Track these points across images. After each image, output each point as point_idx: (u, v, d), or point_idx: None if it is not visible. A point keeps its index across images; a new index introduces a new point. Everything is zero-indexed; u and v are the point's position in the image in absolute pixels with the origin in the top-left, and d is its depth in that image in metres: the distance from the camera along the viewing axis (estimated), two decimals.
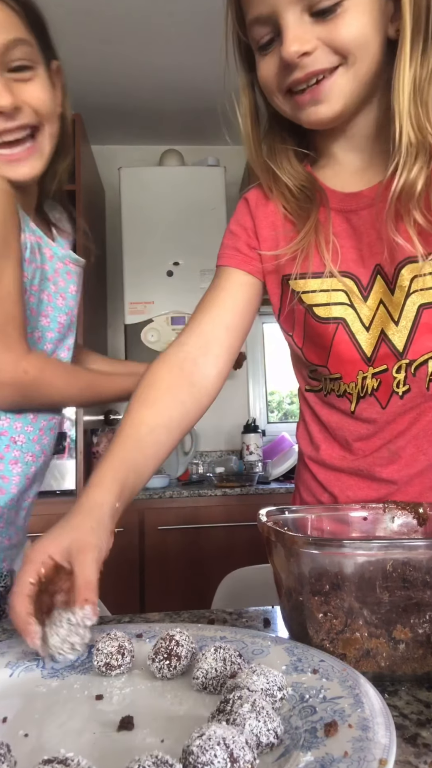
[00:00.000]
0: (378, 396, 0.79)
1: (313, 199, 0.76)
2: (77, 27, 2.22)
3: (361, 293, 0.76)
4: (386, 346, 0.76)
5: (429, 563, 0.52)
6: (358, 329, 0.77)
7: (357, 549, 0.53)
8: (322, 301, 0.77)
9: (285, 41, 0.64)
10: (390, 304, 0.75)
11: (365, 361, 0.78)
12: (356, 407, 0.81)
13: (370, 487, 0.83)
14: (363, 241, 0.76)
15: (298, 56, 0.64)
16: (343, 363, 0.79)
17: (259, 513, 0.65)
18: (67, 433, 2.23)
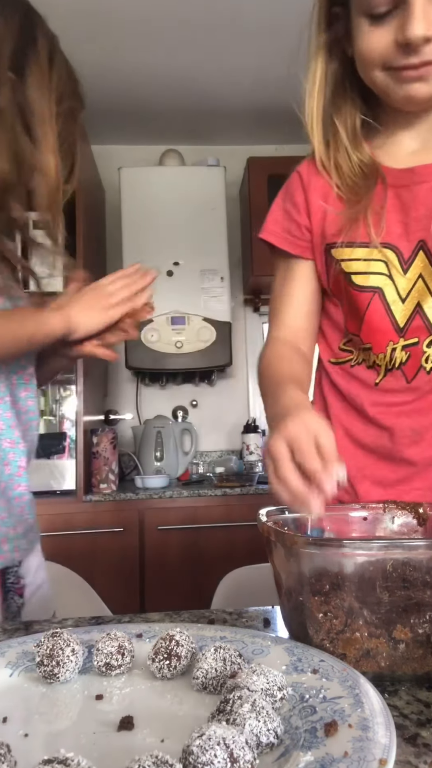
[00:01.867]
0: (405, 370, 0.80)
1: (369, 177, 0.77)
2: (77, 27, 2.22)
3: (401, 265, 0.78)
4: (420, 318, 0.78)
5: (429, 563, 0.52)
6: (393, 299, 0.78)
7: (357, 549, 0.53)
8: (361, 269, 0.79)
9: (413, 20, 0.63)
10: (429, 278, 0.77)
11: (397, 331, 0.79)
12: (382, 380, 0.82)
13: (389, 467, 0.83)
14: (410, 216, 0.77)
15: (422, 41, 0.64)
16: (374, 332, 0.80)
17: (259, 513, 0.65)
18: (67, 433, 2.23)
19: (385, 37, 0.67)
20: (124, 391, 2.92)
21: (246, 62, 2.48)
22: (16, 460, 0.96)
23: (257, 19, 2.23)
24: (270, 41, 2.34)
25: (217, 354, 2.60)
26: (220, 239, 2.65)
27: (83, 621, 0.73)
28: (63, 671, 0.51)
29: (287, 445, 0.58)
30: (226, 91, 2.69)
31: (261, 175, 2.71)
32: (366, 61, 0.71)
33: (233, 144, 3.08)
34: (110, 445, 2.30)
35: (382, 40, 0.67)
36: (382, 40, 0.67)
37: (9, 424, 0.94)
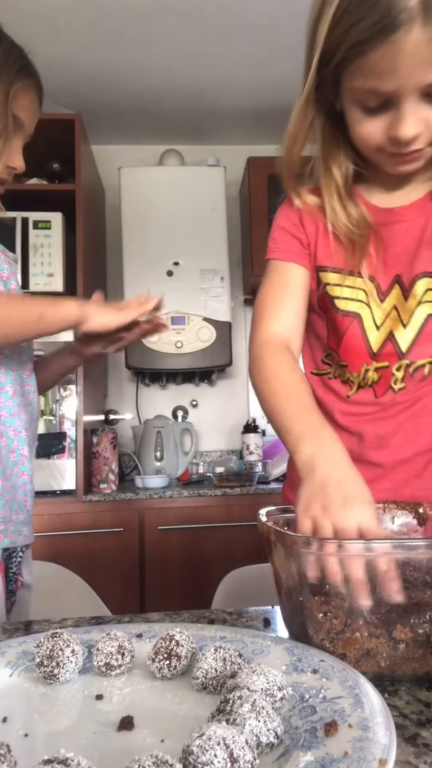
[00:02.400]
0: (375, 388, 0.88)
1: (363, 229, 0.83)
2: (77, 27, 2.22)
3: (378, 296, 0.86)
4: (392, 345, 0.86)
5: (429, 563, 0.52)
6: (369, 326, 0.86)
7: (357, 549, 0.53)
8: (344, 295, 0.87)
9: (404, 123, 0.69)
10: (402, 309, 0.85)
11: (371, 355, 0.87)
12: (354, 394, 0.90)
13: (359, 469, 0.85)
14: (389, 252, 0.85)
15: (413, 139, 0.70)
16: (351, 353, 0.88)
17: (259, 513, 0.65)
18: (67, 433, 2.23)
19: (378, 129, 0.72)
20: (124, 391, 2.92)
21: (246, 62, 2.48)
22: (19, 448, 1.00)
23: (258, 19, 2.23)
24: (270, 41, 2.34)
25: (217, 354, 2.60)
26: (220, 239, 2.65)
27: (83, 621, 0.73)
28: (63, 672, 0.51)
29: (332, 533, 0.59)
30: (226, 91, 2.69)
31: (261, 175, 2.71)
32: (361, 145, 0.77)
33: (233, 144, 3.08)
34: (110, 445, 2.30)
35: (376, 130, 0.73)
36: (376, 131, 0.73)
37: (11, 412, 0.98)
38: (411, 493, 0.87)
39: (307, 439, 0.69)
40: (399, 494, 0.86)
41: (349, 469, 0.66)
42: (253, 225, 2.71)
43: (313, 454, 0.67)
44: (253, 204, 2.72)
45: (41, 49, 1.08)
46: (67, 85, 2.57)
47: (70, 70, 2.49)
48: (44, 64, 1.04)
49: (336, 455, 0.67)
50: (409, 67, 0.64)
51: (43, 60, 1.05)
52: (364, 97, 0.71)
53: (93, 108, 2.73)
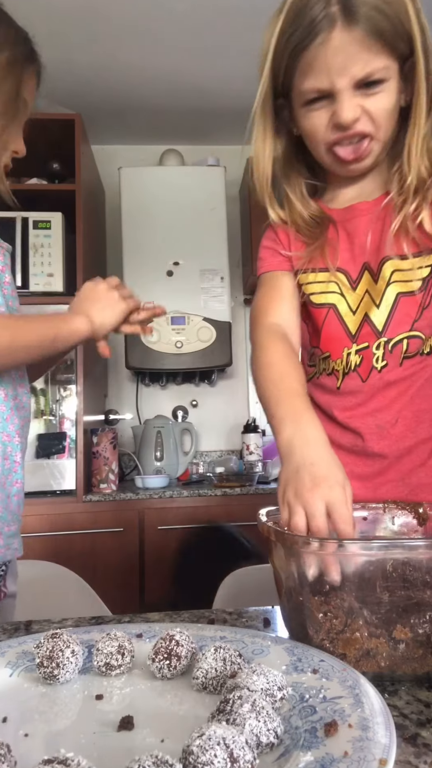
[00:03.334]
0: (360, 371, 0.92)
1: (321, 224, 0.93)
2: (77, 27, 2.22)
3: (350, 284, 0.92)
4: (368, 326, 0.91)
5: (429, 563, 0.52)
6: (345, 312, 0.93)
7: (357, 549, 0.53)
8: (318, 290, 0.94)
9: (343, 110, 0.79)
10: (373, 292, 0.91)
11: (350, 337, 0.92)
12: (341, 383, 0.93)
13: (365, 463, 0.92)
14: (355, 243, 0.92)
15: (352, 122, 0.79)
16: (332, 341, 0.94)
17: (259, 513, 0.65)
18: (67, 433, 2.23)
19: (321, 119, 0.82)
20: (124, 391, 2.92)
21: (246, 62, 2.48)
22: (12, 454, 0.96)
23: (258, 19, 2.22)
24: None
25: (217, 354, 2.60)
26: (220, 239, 2.65)
27: (83, 621, 0.73)
28: (63, 672, 0.51)
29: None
30: (226, 91, 2.69)
31: None
32: (312, 139, 0.85)
33: (233, 144, 3.08)
34: (110, 445, 2.30)
35: (319, 122, 0.82)
36: (320, 122, 0.82)
37: (4, 416, 0.94)
38: (418, 480, 0.90)
39: (288, 423, 0.73)
40: (407, 484, 0.90)
41: (323, 450, 0.69)
42: (253, 225, 2.71)
43: (291, 438, 0.71)
44: (253, 204, 2.71)
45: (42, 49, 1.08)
46: (67, 85, 2.57)
47: (70, 70, 2.48)
48: (44, 64, 1.04)
49: (312, 438, 0.70)
50: (338, 63, 0.76)
51: (43, 60, 1.05)
52: (307, 95, 0.81)
53: (93, 108, 2.73)
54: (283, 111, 0.89)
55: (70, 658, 0.52)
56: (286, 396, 0.79)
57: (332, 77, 0.77)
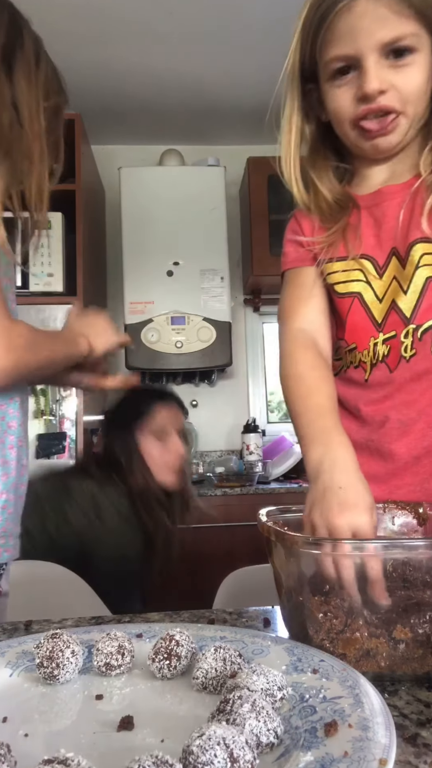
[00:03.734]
0: (388, 362, 0.88)
1: (345, 207, 0.90)
2: (77, 27, 2.22)
3: (377, 271, 0.88)
4: (396, 314, 0.87)
5: (429, 563, 0.52)
6: (371, 300, 0.89)
7: (357, 549, 0.53)
8: (342, 279, 0.90)
9: (367, 79, 0.75)
10: (401, 277, 0.87)
11: (376, 327, 0.88)
12: (370, 375, 0.89)
13: (378, 463, 0.88)
14: (382, 228, 0.88)
15: (377, 93, 0.76)
16: (357, 331, 0.90)
17: (259, 513, 0.65)
18: (67, 433, 2.23)
19: (347, 94, 0.79)
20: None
21: (246, 62, 2.48)
22: (24, 457, 0.99)
23: (257, 19, 2.23)
24: (270, 41, 2.34)
25: (217, 354, 2.60)
26: (220, 239, 2.65)
27: (83, 621, 0.73)
28: (63, 673, 0.51)
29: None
30: (226, 91, 2.69)
31: (261, 175, 2.71)
32: (338, 118, 0.83)
33: (233, 144, 3.08)
34: None
35: (345, 98, 0.80)
36: (345, 98, 0.80)
37: (20, 422, 0.98)
38: None
39: (316, 445, 0.72)
40: (423, 489, 0.87)
41: (352, 474, 0.67)
42: (253, 225, 2.71)
43: (320, 460, 0.69)
44: (253, 204, 2.72)
45: None
46: (67, 85, 2.57)
47: (70, 70, 2.48)
48: None
49: (341, 461, 0.69)
50: (364, 26, 0.74)
51: None
52: (333, 66, 0.79)
53: (93, 108, 2.73)
54: (311, 96, 0.87)
55: (70, 658, 0.52)
56: (314, 414, 0.77)
57: (357, 42, 0.74)
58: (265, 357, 3.10)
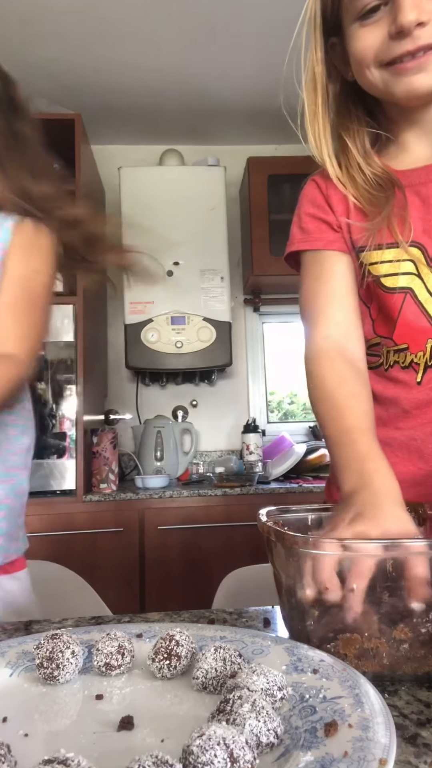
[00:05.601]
0: None
1: (386, 188, 0.78)
2: (77, 27, 2.22)
3: (427, 262, 0.77)
4: None
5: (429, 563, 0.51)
6: (426, 298, 0.79)
7: (357, 549, 0.53)
8: (390, 271, 0.79)
9: (403, 7, 0.64)
10: None
11: None
12: (423, 377, 0.81)
13: (416, 464, 0.82)
14: (431, 212, 0.77)
15: (414, 25, 0.65)
16: (412, 332, 0.80)
17: (259, 513, 0.65)
18: (67, 433, 2.23)
19: (377, 34, 0.69)
20: (124, 391, 2.92)
21: (246, 62, 2.48)
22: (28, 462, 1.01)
23: (257, 19, 2.23)
24: (270, 41, 2.34)
25: (217, 354, 2.60)
26: (220, 239, 2.65)
27: (83, 621, 0.73)
28: (63, 673, 0.51)
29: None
30: (226, 91, 2.69)
31: (261, 175, 2.71)
32: (361, 61, 0.72)
33: (233, 144, 3.08)
34: (110, 445, 2.30)
35: (375, 36, 0.69)
36: (375, 37, 0.69)
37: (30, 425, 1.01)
38: None
39: (349, 474, 0.65)
40: None
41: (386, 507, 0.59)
42: (253, 225, 2.71)
43: (353, 490, 0.63)
44: (253, 204, 2.72)
45: (42, 49, 1.08)
46: (67, 85, 2.57)
47: (70, 70, 2.49)
48: (44, 64, 1.04)
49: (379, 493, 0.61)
50: None
51: (44, 60, 1.05)
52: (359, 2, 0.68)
53: (93, 108, 2.73)
54: (334, 51, 0.76)
55: (70, 659, 0.52)
56: (345, 438, 0.69)
57: None
58: (265, 357, 3.10)
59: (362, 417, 0.72)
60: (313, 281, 0.83)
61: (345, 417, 0.71)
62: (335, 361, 0.78)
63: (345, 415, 0.72)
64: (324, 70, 0.78)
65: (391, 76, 0.71)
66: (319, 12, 0.75)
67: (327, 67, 0.78)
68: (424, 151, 0.79)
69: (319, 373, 0.79)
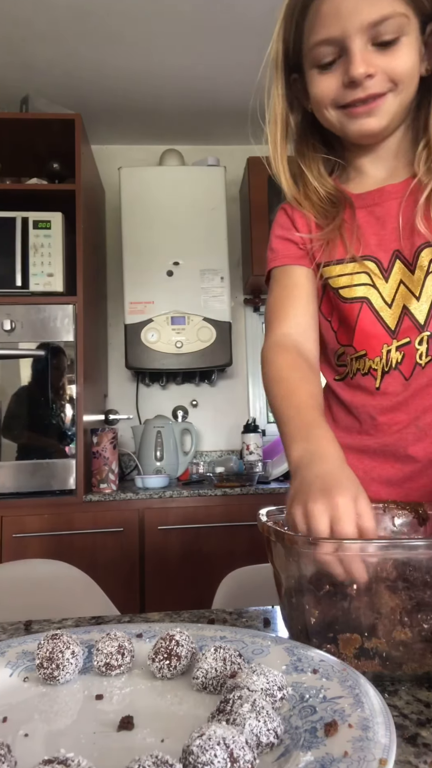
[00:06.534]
0: (402, 369, 0.86)
1: (338, 204, 0.87)
2: (77, 27, 2.22)
3: (382, 274, 0.86)
4: (409, 319, 0.84)
5: (429, 563, 0.52)
6: (381, 306, 0.86)
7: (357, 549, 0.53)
8: (346, 283, 0.87)
9: (354, 63, 0.73)
10: (410, 283, 0.84)
11: (390, 334, 0.86)
12: (381, 383, 0.87)
13: (394, 466, 0.87)
14: (386, 228, 0.86)
15: (364, 77, 0.74)
16: (369, 338, 0.87)
17: (259, 513, 0.65)
18: (67, 433, 2.23)
19: (333, 81, 0.78)
20: (124, 391, 2.92)
21: (246, 62, 2.48)
22: None
23: (257, 19, 2.23)
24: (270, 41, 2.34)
25: (217, 354, 2.60)
26: (220, 239, 2.65)
27: (83, 621, 0.73)
28: (63, 674, 0.51)
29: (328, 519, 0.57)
30: (226, 91, 2.69)
31: (261, 175, 2.71)
32: (320, 103, 0.81)
33: (233, 144, 3.08)
34: (110, 445, 2.30)
35: (331, 83, 0.78)
36: (331, 84, 0.78)
37: None
38: None
39: (296, 441, 0.70)
40: None
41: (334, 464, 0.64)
42: (253, 225, 2.71)
43: (301, 455, 0.67)
44: (253, 204, 2.72)
45: (42, 49, 1.08)
46: (67, 85, 2.57)
47: (70, 70, 2.49)
48: (44, 64, 1.04)
49: (322, 454, 0.66)
50: (349, 7, 0.72)
51: (44, 60, 1.05)
52: (318, 53, 0.77)
53: (93, 108, 2.73)
54: (296, 86, 0.85)
55: (70, 659, 0.52)
56: (293, 412, 0.74)
57: (342, 22, 0.72)
58: None
59: (311, 397, 0.78)
60: (279, 290, 0.92)
61: (295, 395, 0.77)
62: (291, 352, 0.86)
63: (294, 394, 0.78)
64: (285, 105, 0.87)
65: (345, 117, 0.80)
66: (282, 53, 0.84)
67: (289, 101, 0.87)
68: (380, 173, 0.88)
69: (275, 359, 0.85)
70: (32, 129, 2.37)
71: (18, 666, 0.55)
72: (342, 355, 0.92)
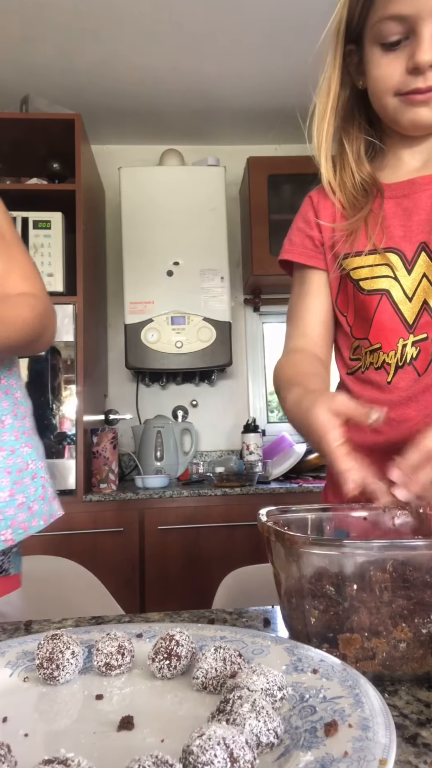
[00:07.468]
0: (416, 365, 0.84)
1: (369, 193, 0.86)
2: (77, 27, 2.22)
3: (405, 266, 0.83)
4: (428, 315, 0.82)
5: (429, 563, 0.52)
6: (400, 299, 0.84)
7: (357, 549, 0.53)
8: (367, 275, 0.86)
9: (422, 48, 0.70)
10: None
11: (407, 328, 0.84)
12: (393, 377, 0.86)
13: None
14: (412, 220, 0.84)
15: (428, 66, 0.71)
16: (385, 331, 0.85)
17: (259, 513, 0.65)
18: (67, 433, 2.23)
19: (396, 64, 0.74)
20: (124, 391, 2.92)
21: (246, 62, 2.48)
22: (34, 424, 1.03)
23: (257, 19, 2.23)
24: (270, 41, 2.34)
25: (217, 354, 2.60)
26: (220, 239, 2.65)
27: (83, 621, 0.73)
28: (63, 674, 0.51)
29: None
30: (226, 91, 2.69)
31: (261, 175, 2.71)
32: (380, 85, 0.78)
33: (233, 144, 3.08)
34: (110, 445, 2.30)
35: (395, 68, 0.75)
36: (396, 69, 0.75)
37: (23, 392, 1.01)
38: None
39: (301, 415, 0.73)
40: None
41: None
42: (253, 225, 2.71)
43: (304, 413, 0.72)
44: (253, 204, 2.72)
45: (42, 49, 1.08)
46: (67, 85, 2.57)
47: (70, 70, 2.49)
48: (44, 64, 1.04)
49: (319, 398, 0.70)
50: None
51: (44, 60, 1.05)
52: (384, 29, 0.73)
53: (93, 108, 2.73)
54: (350, 58, 0.82)
55: (70, 659, 0.52)
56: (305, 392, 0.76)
57: (417, 1, 0.68)
58: (265, 357, 3.10)
59: (322, 386, 0.80)
60: (295, 298, 0.95)
61: (307, 383, 0.79)
62: (300, 354, 0.89)
63: (307, 383, 0.80)
64: (339, 75, 0.83)
65: (401, 104, 0.77)
66: (345, 21, 0.80)
67: (341, 73, 0.83)
68: (416, 163, 0.86)
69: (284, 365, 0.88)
70: (32, 129, 2.37)
71: (18, 666, 0.55)
72: (357, 349, 0.91)
